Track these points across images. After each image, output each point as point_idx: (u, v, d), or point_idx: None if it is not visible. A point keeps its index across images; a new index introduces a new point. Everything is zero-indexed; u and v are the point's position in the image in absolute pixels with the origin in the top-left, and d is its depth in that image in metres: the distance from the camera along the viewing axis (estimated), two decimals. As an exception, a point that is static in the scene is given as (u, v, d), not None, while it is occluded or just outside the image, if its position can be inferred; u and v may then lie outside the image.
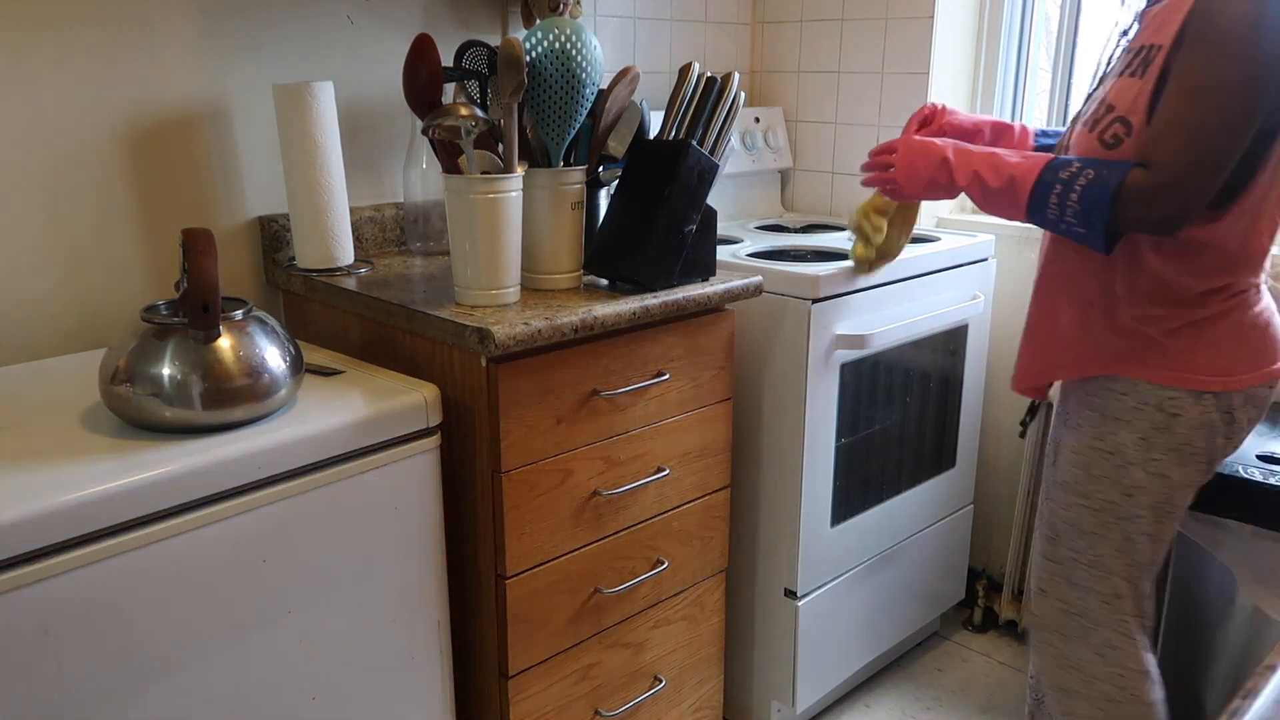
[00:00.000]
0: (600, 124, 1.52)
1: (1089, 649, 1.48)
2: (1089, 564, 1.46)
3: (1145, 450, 1.40)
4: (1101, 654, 1.47)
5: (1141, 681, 1.46)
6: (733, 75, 1.55)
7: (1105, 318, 1.42)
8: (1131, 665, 1.45)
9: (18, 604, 0.97)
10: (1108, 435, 1.43)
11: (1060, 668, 1.51)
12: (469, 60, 1.56)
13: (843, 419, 1.85)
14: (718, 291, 1.56)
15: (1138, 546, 1.43)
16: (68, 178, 1.47)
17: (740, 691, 2.03)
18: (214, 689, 1.14)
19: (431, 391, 1.31)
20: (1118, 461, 1.42)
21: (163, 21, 1.52)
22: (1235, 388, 1.37)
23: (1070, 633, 1.49)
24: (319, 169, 1.54)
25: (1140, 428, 1.40)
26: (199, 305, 1.12)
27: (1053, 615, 1.51)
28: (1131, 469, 1.41)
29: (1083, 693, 1.49)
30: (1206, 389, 1.36)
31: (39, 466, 1.05)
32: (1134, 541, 1.43)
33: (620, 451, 1.52)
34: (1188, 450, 1.39)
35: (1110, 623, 1.46)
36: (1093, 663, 1.47)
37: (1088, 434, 1.45)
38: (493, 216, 1.37)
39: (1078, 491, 1.46)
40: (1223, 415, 1.38)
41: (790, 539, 1.85)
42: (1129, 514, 1.42)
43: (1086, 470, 1.45)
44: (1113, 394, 1.42)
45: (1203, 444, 1.39)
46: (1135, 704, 1.45)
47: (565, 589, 1.50)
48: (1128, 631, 1.45)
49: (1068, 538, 1.48)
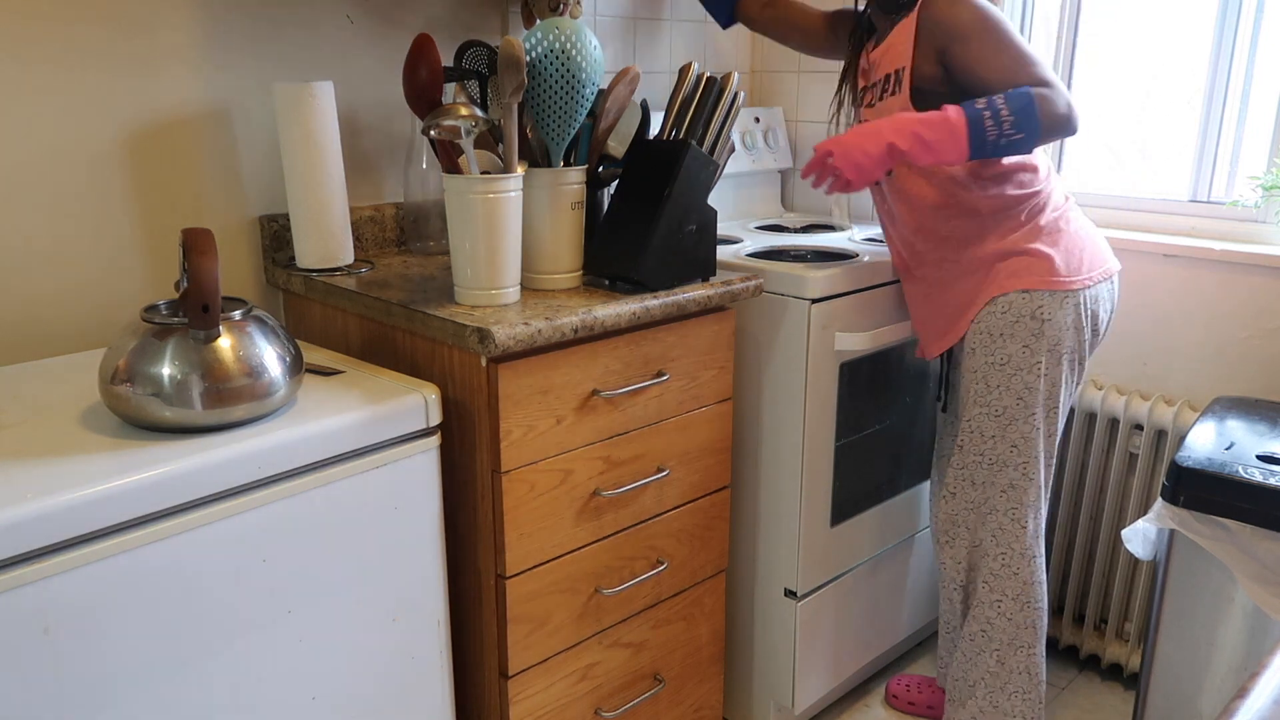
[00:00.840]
0: (600, 124, 1.52)
1: (986, 532, 1.78)
2: (990, 463, 1.75)
3: (1029, 355, 1.68)
4: (994, 536, 1.78)
5: (1022, 562, 1.77)
6: (733, 75, 1.55)
7: (964, 264, 1.71)
8: (1015, 547, 1.76)
9: (18, 604, 0.97)
10: (997, 350, 1.70)
11: (970, 553, 1.82)
12: (469, 60, 1.56)
13: (843, 419, 1.85)
14: (718, 291, 1.56)
15: (1031, 442, 1.71)
16: (68, 177, 1.47)
17: (740, 691, 2.03)
18: (214, 689, 1.14)
19: (431, 391, 1.31)
20: (1010, 370, 1.69)
21: (164, 22, 1.52)
22: (1088, 285, 1.68)
23: (971, 524, 1.80)
24: (319, 169, 1.54)
25: (1021, 337, 1.67)
26: (199, 305, 1.12)
27: (961, 512, 1.81)
28: (1021, 374, 1.69)
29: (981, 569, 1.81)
30: (1068, 289, 1.66)
31: (39, 466, 1.05)
32: (1028, 439, 1.71)
33: (620, 451, 1.52)
34: (1060, 349, 1.68)
35: (1004, 509, 1.76)
36: (987, 543, 1.79)
37: (980, 354, 1.72)
38: (493, 216, 1.37)
39: (979, 403, 1.73)
40: (1083, 311, 1.68)
41: (790, 539, 1.85)
42: (1023, 415, 1.70)
43: (985, 383, 1.72)
44: (994, 315, 1.69)
45: (1072, 342, 1.69)
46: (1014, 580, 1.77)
47: (565, 589, 1.50)
48: (1019, 518, 1.75)
49: (972, 444, 1.76)
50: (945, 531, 1.84)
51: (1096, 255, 1.72)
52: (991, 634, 1.80)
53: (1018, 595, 1.77)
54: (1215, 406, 1.85)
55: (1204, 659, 1.67)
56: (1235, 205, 1.97)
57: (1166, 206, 2.08)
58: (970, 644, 1.83)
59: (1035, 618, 1.78)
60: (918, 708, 2.08)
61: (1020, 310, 1.67)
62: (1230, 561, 1.57)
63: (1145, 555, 1.69)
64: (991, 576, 1.79)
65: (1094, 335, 1.73)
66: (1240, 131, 2.01)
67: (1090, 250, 1.71)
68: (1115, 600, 2.14)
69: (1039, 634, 1.79)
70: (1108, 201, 2.16)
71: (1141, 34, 2.15)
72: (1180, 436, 1.94)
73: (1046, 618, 1.81)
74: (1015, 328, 1.68)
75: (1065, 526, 2.19)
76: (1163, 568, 1.69)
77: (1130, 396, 2.05)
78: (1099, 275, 1.71)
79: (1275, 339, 1.92)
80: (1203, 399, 2.02)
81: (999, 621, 1.79)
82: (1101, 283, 1.72)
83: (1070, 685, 2.18)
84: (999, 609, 1.79)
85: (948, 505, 1.83)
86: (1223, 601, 1.63)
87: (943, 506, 1.84)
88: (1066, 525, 2.19)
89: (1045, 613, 1.80)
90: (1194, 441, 1.68)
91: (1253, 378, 1.95)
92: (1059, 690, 2.17)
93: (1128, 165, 2.22)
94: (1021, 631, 1.78)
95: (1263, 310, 1.92)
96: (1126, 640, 2.16)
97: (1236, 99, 2.00)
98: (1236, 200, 1.97)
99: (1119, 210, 2.14)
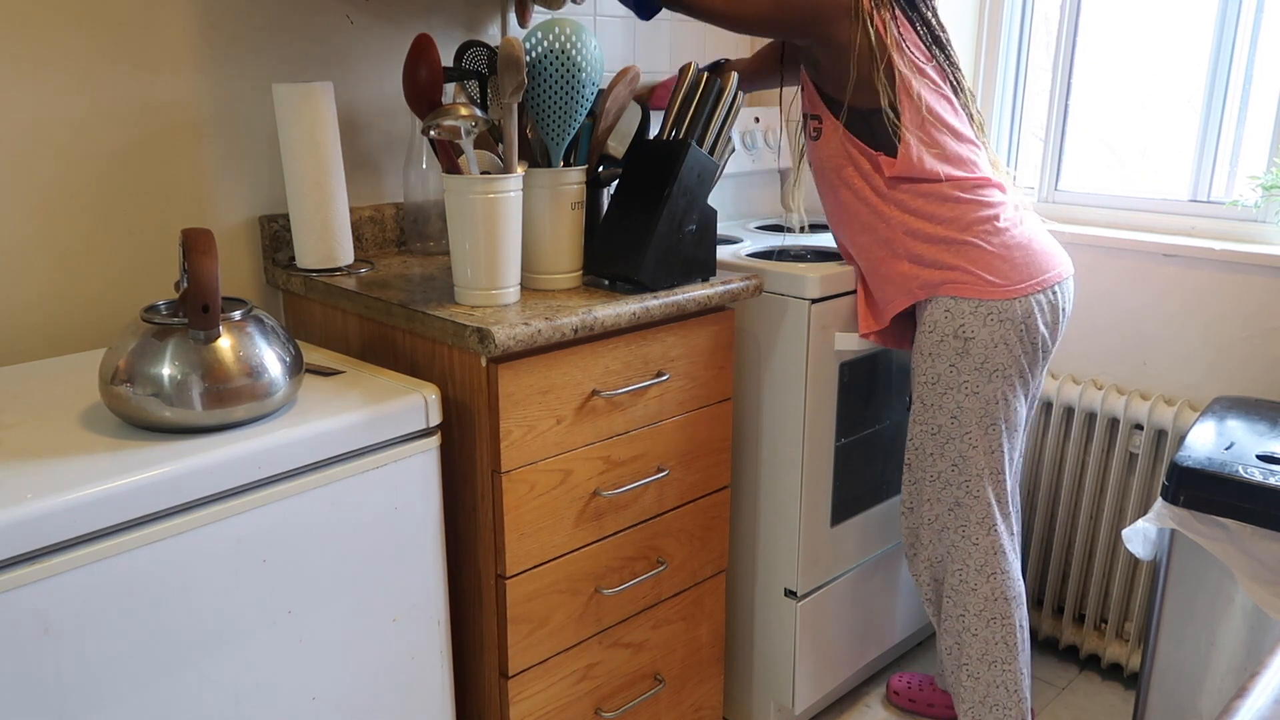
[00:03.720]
0: (600, 124, 1.52)
1: (943, 548, 1.78)
2: (932, 480, 1.75)
3: (956, 375, 1.67)
4: (950, 553, 1.77)
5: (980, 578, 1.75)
6: (732, 75, 1.55)
7: (890, 262, 1.69)
8: (970, 564, 1.75)
9: (18, 604, 0.97)
10: (928, 369, 1.70)
11: (931, 568, 1.82)
12: (469, 60, 1.56)
13: (843, 419, 1.85)
14: (718, 291, 1.56)
15: (970, 460, 1.70)
16: (68, 177, 1.47)
17: (740, 691, 2.03)
18: (214, 689, 1.14)
19: (431, 391, 1.31)
20: (940, 389, 1.69)
21: (164, 22, 1.52)
22: (1011, 297, 1.63)
23: (927, 539, 1.80)
24: (319, 169, 1.54)
25: (947, 356, 1.67)
26: (199, 305, 1.12)
27: (918, 527, 1.80)
28: (951, 392, 1.68)
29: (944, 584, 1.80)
30: (989, 297, 1.62)
31: (39, 466, 1.05)
32: (966, 457, 1.70)
33: (620, 451, 1.52)
34: (989, 367, 1.65)
35: (954, 526, 1.75)
36: (945, 559, 1.78)
37: (916, 373, 1.72)
38: (493, 216, 1.37)
39: (919, 420, 1.74)
40: (1012, 326, 1.63)
41: (790, 539, 1.85)
42: (958, 433, 1.70)
43: (922, 401, 1.73)
44: (923, 333, 1.69)
45: (1002, 358, 1.65)
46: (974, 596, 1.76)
47: (565, 589, 1.50)
48: (969, 535, 1.74)
49: (917, 462, 1.77)
50: (910, 545, 1.84)
51: (1031, 264, 1.64)
52: (963, 648, 1.79)
53: (980, 611, 1.75)
54: (1215, 406, 1.85)
55: (1204, 659, 1.67)
56: (1235, 205, 1.97)
57: (1166, 206, 2.08)
58: (948, 658, 1.83)
59: (1006, 633, 1.75)
60: (918, 705, 2.08)
61: (944, 329, 1.65)
62: (1230, 561, 1.57)
63: (1145, 555, 1.69)
64: (953, 592, 1.78)
65: (1035, 348, 1.66)
66: (1240, 131, 2.01)
67: (1023, 259, 1.64)
68: (1115, 600, 2.14)
69: (1014, 649, 1.76)
70: (1107, 201, 2.16)
71: (1141, 34, 2.15)
72: (1180, 436, 1.94)
73: (1024, 631, 1.77)
74: (940, 347, 1.66)
75: (1065, 526, 2.19)
76: (1163, 568, 1.69)
77: (1130, 396, 2.05)
78: (1032, 285, 1.64)
79: (1275, 339, 1.92)
80: (1203, 399, 2.02)
81: (966, 637, 1.78)
82: (1037, 293, 1.64)
83: (1070, 685, 2.18)
84: (963, 623, 1.78)
85: (906, 520, 1.83)
86: (1223, 601, 1.63)
87: (903, 520, 1.84)
88: (1066, 525, 2.19)
89: (1021, 627, 1.76)
90: (1194, 441, 1.68)
91: (1253, 378, 1.96)
92: (1059, 690, 2.17)
93: (1127, 165, 2.22)
94: (992, 647, 1.76)
95: (1263, 310, 1.92)
96: (1126, 640, 2.16)
97: (1236, 99, 2.00)
98: (1236, 200, 1.97)
99: (1119, 210, 2.14)
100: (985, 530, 1.73)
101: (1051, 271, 1.67)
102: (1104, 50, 2.17)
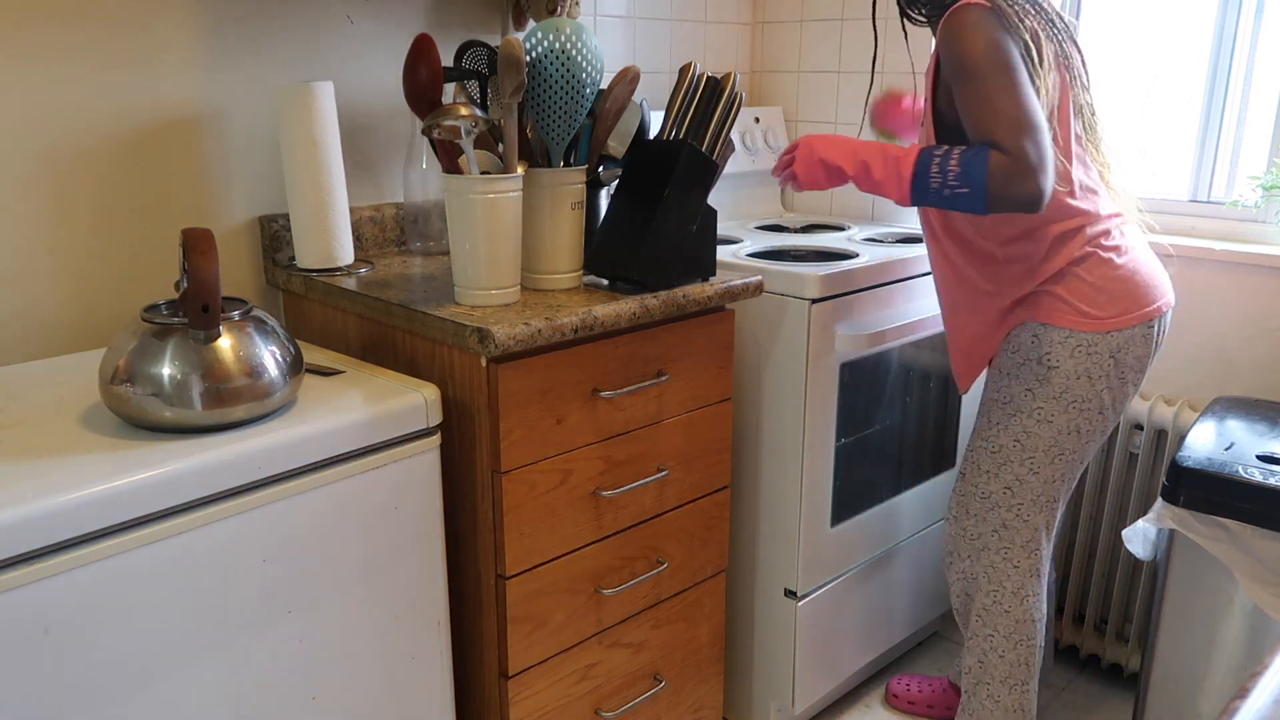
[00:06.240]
0: (600, 124, 1.52)
1: (980, 567, 1.76)
2: (982, 498, 1.72)
3: (1031, 400, 1.63)
4: (986, 573, 1.75)
5: (1014, 601, 1.73)
6: (732, 75, 1.55)
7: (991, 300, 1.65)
8: (1008, 586, 1.73)
9: (17, 604, 0.97)
10: (1002, 387, 1.67)
11: (965, 583, 1.80)
12: (469, 60, 1.56)
13: (843, 419, 1.85)
14: (718, 291, 1.56)
15: (1027, 485, 1.67)
16: (68, 177, 1.47)
17: (740, 691, 2.03)
18: (214, 689, 1.14)
19: (432, 391, 1.31)
20: (1010, 410, 1.66)
21: (164, 21, 1.52)
22: (1106, 329, 1.57)
23: (965, 553, 1.78)
24: (319, 169, 1.54)
25: (1025, 380, 1.64)
26: (199, 305, 1.12)
27: (959, 539, 1.79)
28: (1020, 416, 1.65)
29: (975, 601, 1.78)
30: (1081, 329, 1.57)
31: (39, 466, 1.05)
32: (1024, 482, 1.67)
33: (620, 451, 1.52)
34: (1068, 398, 1.61)
35: (996, 548, 1.73)
36: (980, 577, 1.76)
37: (989, 389, 1.71)
38: (493, 216, 1.37)
39: (980, 435, 1.72)
40: (1100, 359, 1.58)
41: (790, 539, 1.85)
42: (1019, 457, 1.67)
43: (987, 418, 1.71)
44: (1005, 353, 1.67)
45: (1083, 391, 1.60)
46: (1006, 618, 1.74)
47: (565, 589, 1.50)
48: (1011, 558, 1.72)
49: (971, 476, 1.74)
50: (949, 551, 1.83)
51: (1130, 295, 1.58)
52: (987, 668, 1.77)
53: (1010, 633, 1.74)
54: (1215, 406, 1.85)
55: (1204, 659, 1.67)
56: (1235, 205, 1.97)
57: (1166, 206, 2.08)
58: (969, 676, 1.81)
59: (1029, 655, 1.75)
60: (918, 707, 2.08)
61: (1029, 353, 1.62)
62: (1230, 561, 1.57)
63: (1145, 555, 1.69)
64: (984, 611, 1.76)
65: (1123, 381, 1.60)
66: (1240, 131, 2.01)
67: (1122, 291, 1.57)
68: (1115, 600, 2.14)
69: (1033, 670, 1.76)
70: (1108, 201, 2.15)
71: (1141, 34, 2.15)
72: (1180, 436, 1.94)
73: (1042, 654, 1.77)
74: (1021, 370, 1.63)
75: (1065, 527, 2.19)
76: (1163, 568, 1.69)
77: (1130, 396, 2.05)
78: (1129, 319, 1.57)
79: (1275, 339, 1.92)
80: (1203, 399, 2.02)
81: (992, 657, 1.76)
82: (1132, 326, 1.58)
83: (1070, 685, 2.18)
84: (991, 644, 1.76)
85: (950, 528, 1.81)
86: (1223, 601, 1.63)
87: (947, 527, 1.82)
88: (1066, 525, 2.19)
89: (1041, 650, 1.76)
90: (1194, 441, 1.68)
91: (1253, 378, 1.96)
92: (1059, 690, 2.17)
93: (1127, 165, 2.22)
94: (1015, 669, 1.75)
95: (1263, 310, 1.92)
96: (1126, 641, 2.16)
97: (1236, 99, 2.00)
98: (1236, 200, 1.97)
99: (1119, 210, 2.14)
100: (1027, 554, 1.71)
101: (1151, 306, 1.59)
102: (1104, 50, 2.17)
